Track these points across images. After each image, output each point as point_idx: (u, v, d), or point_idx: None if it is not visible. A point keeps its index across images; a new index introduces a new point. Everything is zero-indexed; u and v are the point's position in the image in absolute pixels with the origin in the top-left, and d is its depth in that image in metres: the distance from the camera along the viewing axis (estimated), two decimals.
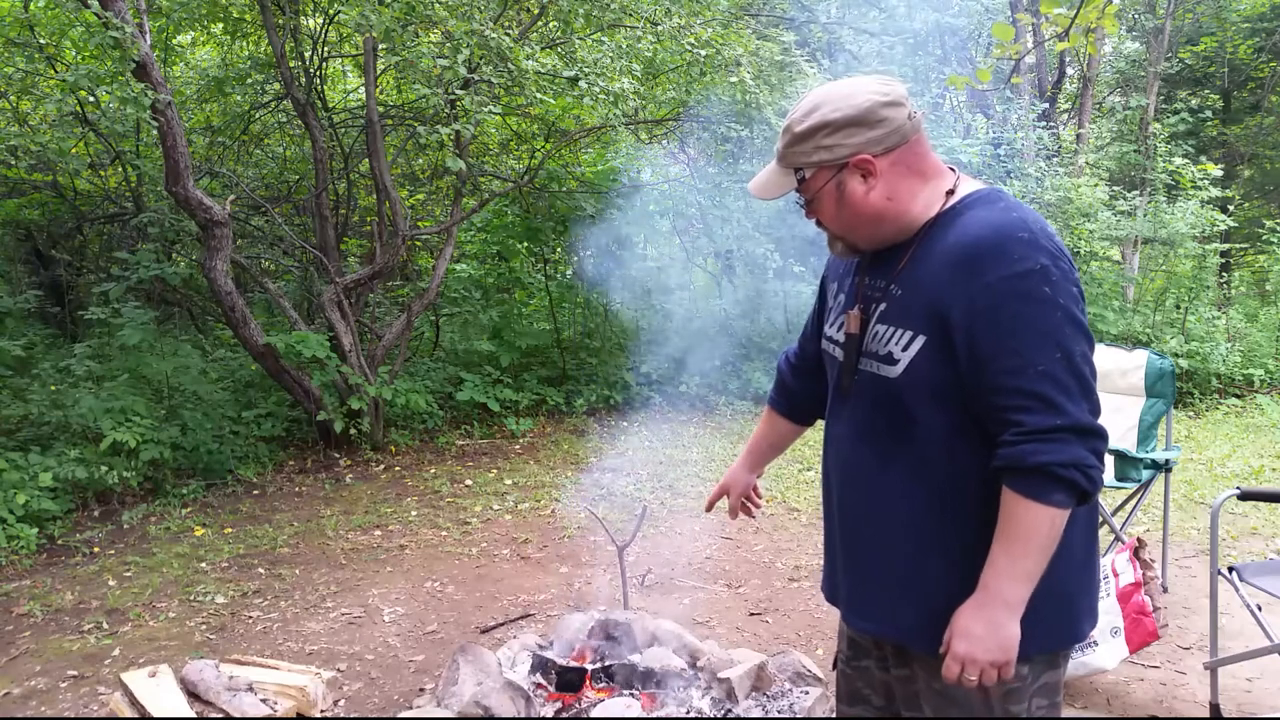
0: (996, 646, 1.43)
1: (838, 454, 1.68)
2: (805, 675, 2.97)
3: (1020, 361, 1.40)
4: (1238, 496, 2.96)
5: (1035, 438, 1.39)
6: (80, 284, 8.44)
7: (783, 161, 1.59)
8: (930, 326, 1.48)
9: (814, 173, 1.56)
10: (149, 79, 5.14)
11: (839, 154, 1.52)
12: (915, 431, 1.52)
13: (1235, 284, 12.21)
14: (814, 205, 1.59)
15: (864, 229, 1.57)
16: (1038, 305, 1.41)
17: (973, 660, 1.44)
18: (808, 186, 1.58)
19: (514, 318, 8.89)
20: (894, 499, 1.56)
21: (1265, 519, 5.06)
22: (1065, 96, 12.96)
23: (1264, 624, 2.80)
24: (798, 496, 5.59)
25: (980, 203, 1.53)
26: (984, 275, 1.42)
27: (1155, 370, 4.16)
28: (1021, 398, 1.40)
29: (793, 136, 1.56)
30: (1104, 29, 3.41)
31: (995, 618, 1.43)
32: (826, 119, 1.51)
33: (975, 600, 1.46)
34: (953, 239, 1.49)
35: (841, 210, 1.56)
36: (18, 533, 4.62)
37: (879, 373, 1.56)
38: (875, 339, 1.57)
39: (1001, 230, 1.45)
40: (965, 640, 1.45)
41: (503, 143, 8.82)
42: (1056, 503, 1.40)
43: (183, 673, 3.09)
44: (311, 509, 5.49)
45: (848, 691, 1.81)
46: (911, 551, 1.55)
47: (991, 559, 1.44)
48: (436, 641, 3.66)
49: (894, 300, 1.55)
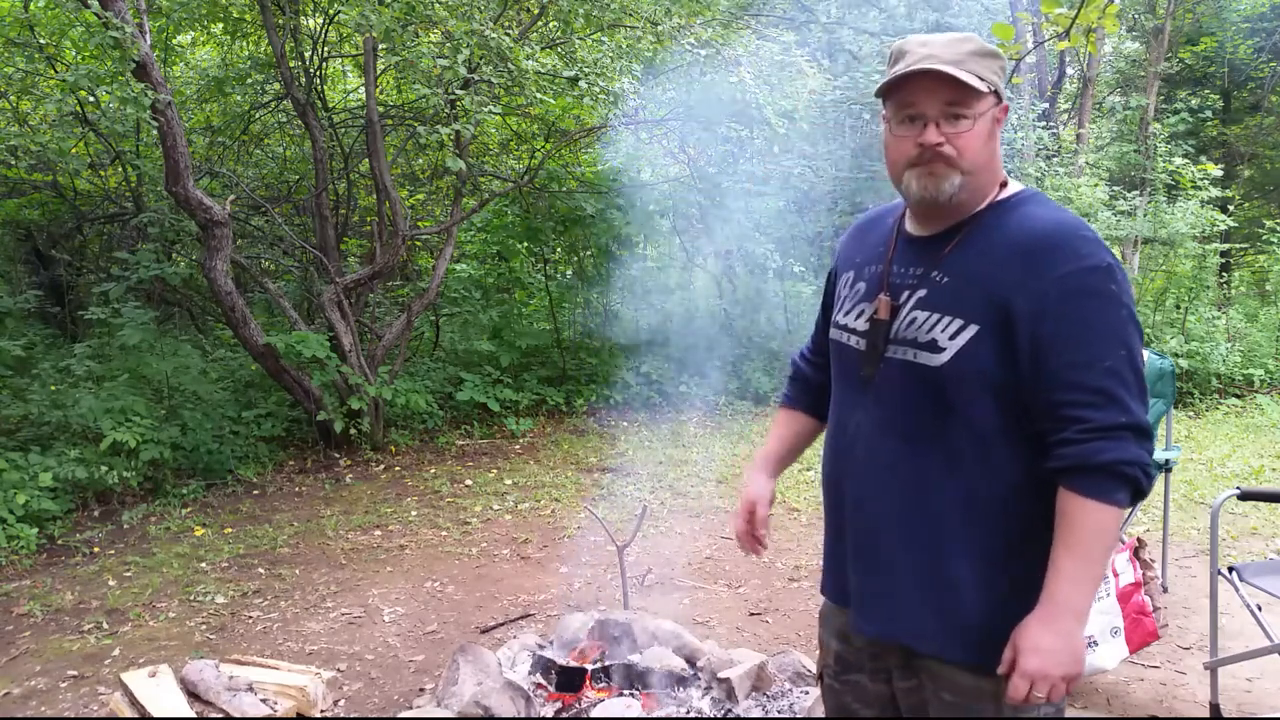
0: (1070, 659, 1.37)
1: (853, 446, 1.59)
2: (805, 675, 2.97)
3: (1088, 357, 1.38)
4: (1238, 496, 2.96)
5: (1100, 435, 1.36)
6: (80, 284, 8.44)
7: (964, 67, 1.43)
8: (986, 316, 1.43)
9: (988, 94, 1.46)
10: (149, 79, 5.14)
11: (1004, 91, 1.49)
12: (951, 424, 1.46)
13: (1235, 284, 12.21)
14: (965, 127, 1.45)
15: (980, 174, 1.49)
16: (1106, 302, 1.39)
17: (1045, 676, 1.37)
18: (976, 103, 1.45)
19: (514, 318, 8.89)
20: (919, 494, 1.49)
21: (1265, 519, 5.05)
22: (1065, 96, 12.97)
23: (1264, 624, 2.80)
24: (798, 496, 5.59)
25: (1033, 201, 1.51)
26: (1055, 269, 1.39)
27: (1155, 370, 4.16)
28: (1086, 394, 1.37)
29: (981, 48, 1.47)
30: (1104, 29, 3.41)
31: (1066, 628, 1.37)
32: (1000, 53, 1.48)
33: (1042, 613, 1.39)
34: (1016, 231, 1.46)
35: (986, 144, 1.48)
36: (18, 533, 4.62)
37: (915, 360, 1.49)
38: (911, 325, 1.50)
39: (1067, 227, 1.44)
40: (1037, 656, 1.38)
41: (503, 143, 8.82)
42: (1119, 502, 1.36)
43: (183, 673, 3.09)
44: (311, 509, 5.49)
45: (835, 706, 1.74)
46: (934, 552, 1.49)
47: (1056, 567, 1.39)
48: (436, 641, 3.66)
49: (939, 287, 1.49)
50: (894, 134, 1.51)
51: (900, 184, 1.53)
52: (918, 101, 1.46)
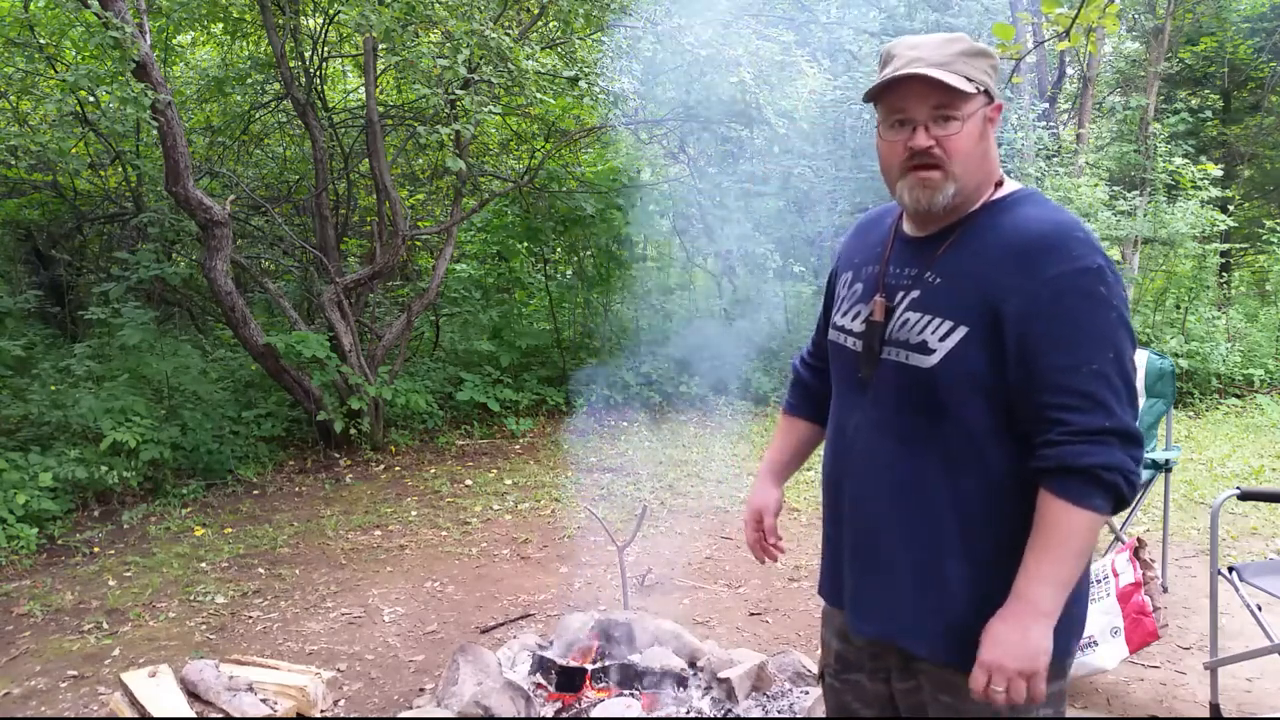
0: (1027, 655, 1.37)
1: (852, 446, 1.60)
2: (805, 675, 2.97)
3: (1074, 360, 1.37)
4: (1238, 496, 2.96)
5: (1082, 438, 1.36)
6: (80, 284, 8.44)
7: (951, 69, 1.43)
8: (976, 317, 1.43)
9: (977, 94, 1.46)
10: (149, 79, 5.14)
11: (995, 89, 1.48)
12: (945, 426, 1.46)
13: (1235, 284, 12.20)
14: (954, 129, 1.45)
15: (973, 176, 1.48)
16: (1096, 304, 1.38)
17: (1001, 668, 1.37)
18: (965, 104, 1.45)
19: (514, 318, 8.89)
20: (917, 495, 1.49)
21: (1265, 519, 5.05)
22: (1065, 96, 12.96)
23: (1264, 624, 2.80)
24: (797, 496, 5.59)
25: (1028, 201, 1.50)
26: (1046, 270, 1.39)
27: (1155, 370, 4.16)
28: (1071, 396, 1.37)
29: (971, 48, 1.46)
30: (1104, 29, 3.41)
31: (1028, 625, 1.37)
32: (990, 51, 1.47)
33: (1007, 608, 1.40)
34: (1010, 231, 1.45)
35: (978, 145, 1.47)
36: (18, 533, 4.62)
37: (907, 362, 1.49)
38: (904, 327, 1.50)
39: (1062, 227, 1.43)
40: (995, 647, 1.39)
41: (503, 143, 8.82)
42: (1096, 507, 1.36)
43: (183, 673, 3.10)
44: (311, 509, 5.49)
45: (836, 705, 1.74)
46: (931, 552, 1.49)
47: (1026, 565, 1.39)
48: (436, 641, 3.66)
49: (931, 288, 1.49)
50: (884, 138, 1.51)
51: (894, 191, 1.54)
52: (906, 106, 1.47)
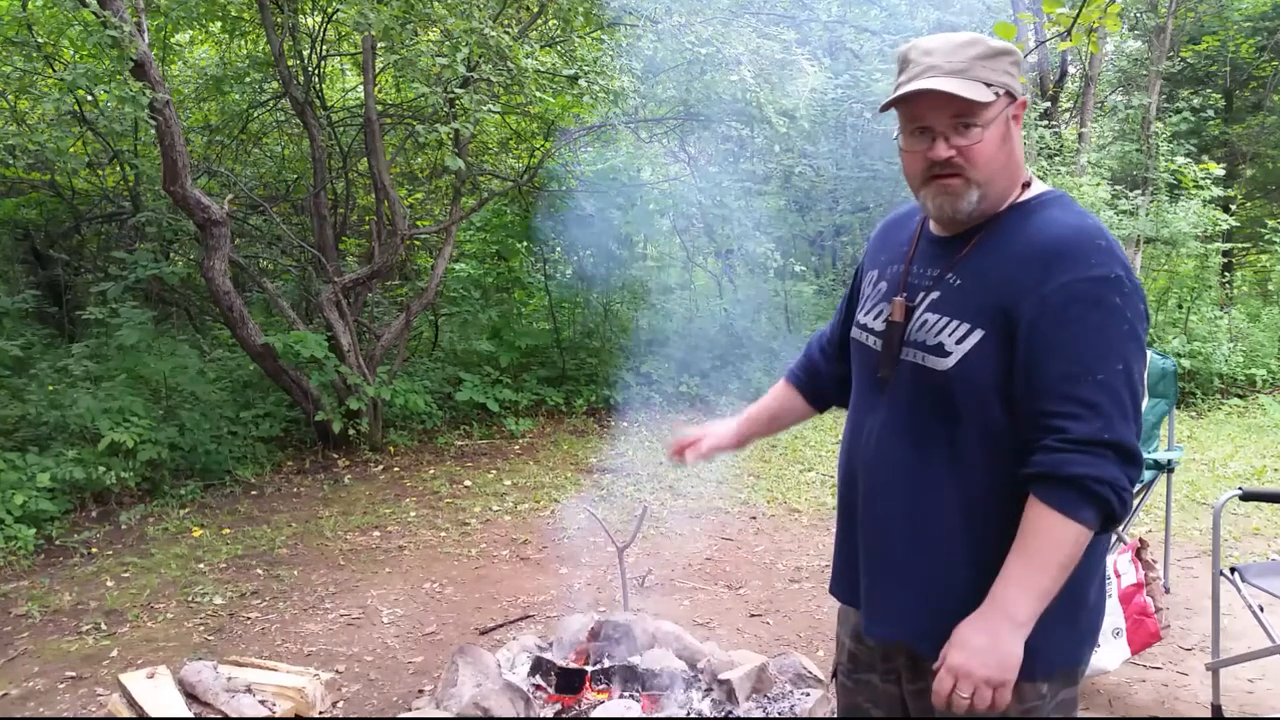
0: (995, 663, 1.34)
1: (867, 446, 1.58)
2: (806, 677, 2.96)
3: (1080, 368, 1.35)
4: (1240, 497, 2.95)
5: (1077, 448, 1.33)
6: (78, 284, 8.42)
7: (969, 75, 1.40)
8: (992, 321, 1.41)
9: (998, 98, 1.42)
10: (147, 78, 5.12)
11: (1017, 87, 1.43)
12: (959, 429, 1.44)
13: (1237, 284, 12.18)
14: (975, 138, 1.41)
15: (998, 179, 1.45)
16: (1107, 313, 1.35)
17: (967, 674, 1.35)
18: (984, 111, 1.41)
19: (513, 318, 8.87)
20: (931, 497, 1.47)
21: (1267, 519, 5.04)
22: (1067, 95, 12.94)
23: (1266, 625, 2.78)
24: (799, 498, 5.57)
25: (1055, 203, 1.48)
26: (1060, 275, 1.36)
27: (1157, 370, 4.15)
28: (1072, 404, 1.34)
29: (989, 49, 1.42)
30: (1106, 28, 3.39)
31: (998, 632, 1.34)
32: (1009, 48, 1.44)
33: (980, 612, 1.37)
34: (1032, 235, 1.43)
35: (1002, 148, 1.44)
36: (15, 533, 4.61)
37: (924, 363, 1.47)
38: (922, 328, 1.49)
39: (1082, 233, 1.40)
40: (962, 651, 1.36)
41: (502, 142, 8.80)
42: (1084, 520, 1.33)
43: (181, 674, 3.09)
44: (310, 510, 5.47)
45: (847, 705, 1.73)
46: (941, 554, 1.47)
47: (1004, 570, 1.37)
48: (435, 643, 3.64)
49: (951, 290, 1.47)
50: (905, 148, 1.49)
51: (918, 197, 1.52)
52: (924, 116, 1.44)
